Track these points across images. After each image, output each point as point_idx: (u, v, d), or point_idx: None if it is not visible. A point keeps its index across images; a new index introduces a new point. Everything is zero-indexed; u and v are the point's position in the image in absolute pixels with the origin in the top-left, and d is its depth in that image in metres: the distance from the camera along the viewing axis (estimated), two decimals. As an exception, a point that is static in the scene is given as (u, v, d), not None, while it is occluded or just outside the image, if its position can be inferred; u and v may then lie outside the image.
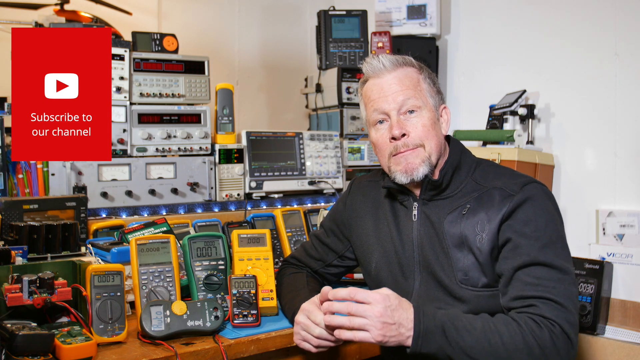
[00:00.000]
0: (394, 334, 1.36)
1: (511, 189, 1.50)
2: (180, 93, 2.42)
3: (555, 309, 1.36)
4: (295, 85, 3.40)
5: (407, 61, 1.62)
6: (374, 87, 1.61)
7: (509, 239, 1.46)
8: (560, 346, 1.34)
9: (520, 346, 1.33)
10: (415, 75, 1.60)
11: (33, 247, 1.70)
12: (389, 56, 1.61)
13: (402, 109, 1.57)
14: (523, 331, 1.34)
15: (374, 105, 1.59)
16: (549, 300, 1.37)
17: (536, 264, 1.41)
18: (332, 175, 2.73)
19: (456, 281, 1.52)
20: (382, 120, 1.59)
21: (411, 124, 1.56)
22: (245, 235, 1.79)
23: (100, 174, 2.22)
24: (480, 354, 1.35)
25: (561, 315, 1.36)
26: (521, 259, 1.43)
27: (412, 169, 1.55)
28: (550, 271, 1.41)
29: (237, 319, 1.60)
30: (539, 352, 1.33)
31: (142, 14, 2.98)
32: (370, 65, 1.61)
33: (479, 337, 1.35)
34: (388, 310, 1.35)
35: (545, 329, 1.34)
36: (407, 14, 3.04)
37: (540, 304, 1.37)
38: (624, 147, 2.38)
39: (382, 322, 1.34)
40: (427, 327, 1.36)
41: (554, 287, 1.39)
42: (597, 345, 2.28)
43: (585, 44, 2.50)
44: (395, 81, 1.58)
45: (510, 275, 1.44)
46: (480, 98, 2.90)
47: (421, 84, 1.60)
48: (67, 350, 1.34)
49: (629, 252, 2.31)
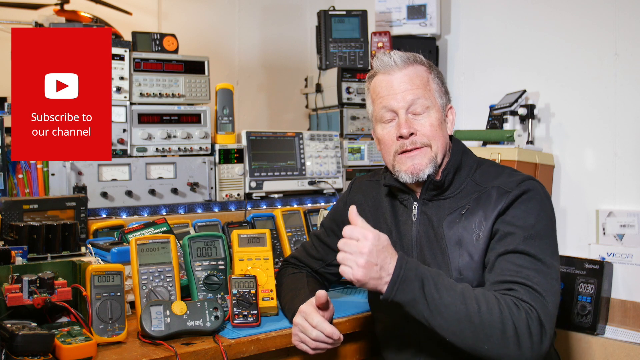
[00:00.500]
0: (374, 276, 1.35)
1: (508, 186, 1.51)
2: (180, 93, 2.42)
3: (534, 296, 1.36)
4: (295, 85, 3.40)
5: (418, 59, 1.61)
6: (383, 83, 1.60)
7: (498, 230, 1.47)
8: (534, 331, 1.32)
9: (496, 319, 1.32)
10: (425, 74, 1.60)
11: (33, 247, 1.70)
12: (400, 53, 1.60)
13: (410, 108, 1.56)
14: (501, 306, 1.33)
15: (383, 102, 1.59)
16: (528, 287, 1.37)
17: (519, 252, 1.42)
18: (332, 175, 2.73)
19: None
20: (390, 117, 1.59)
21: (419, 124, 1.56)
22: (245, 235, 1.79)
23: (100, 174, 2.22)
24: (452, 316, 1.33)
25: (540, 303, 1.35)
26: (505, 247, 1.43)
27: (418, 170, 1.55)
28: (532, 261, 1.41)
29: (237, 319, 1.60)
30: (512, 330, 1.32)
31: (142, 14, 2.98)
32: (381, 60, 1.60)
33: (455, 299, 1.34)
34: (374, 250, 1.34)
35: (522, 310, 1.33)
36: (407, 14, 3.04)
37: (520, 289, 1.37)
38: (624, 147, 2.38)
39: (367, 260, 1.33)
40: (405, 275, 1.35)
41: (534, 276, 1.39)
42: (597, 345, 2.28)
43: (585, 44, 2.50)
44: (405, 79, 1.57)
45: (493, 262, 1.44)
46: (480, 98, 2.90)
47: (430, 84, 1.60)
48: (67, 350, 1.34)
49: (629, 252, 2.31)
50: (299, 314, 1.53)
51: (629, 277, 2.31)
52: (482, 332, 1.32)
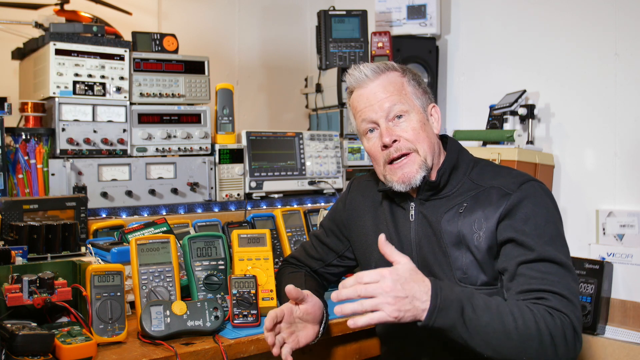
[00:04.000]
0: (408, 308, 1.30)
1: (508, 187, 1.50)
2: (180, 93, 2.42)
3: (565, 302, 1.36)
4: (295, 85, 3.41)
5: (389, 66, 1.62)
6: (359, 97, 1.61)
7: (511, 238, 1.46)
8: (569, 338, 1.33)
9: (533, 332, 1.32)
10: (398, 79, 1.60)
11: (33, 247, 1.70)
12: (370, 65, 1.61)
13: (389, 116, 1.57)
14: (537, 318, 1.33)
15: (362, 115, 1.60)
16: (557, 294, 1.37)
17: (540, 259, 1.41)
18: (332, 175, 2.73)
19: (455, 280, 1.52)
20: (372, 129, 1.60)
21: (401, 129, 1.56)
22: (245, 235, 1.79)
23: (100, 174, 2.22)
24: (491, 335, 1.32)
25: (570, 309, 1.36)
26: (525, 255, 1.43)
27: (410, 178, 1.55)
28: (554, 267, 1.41)
29: (237, 319, 1.60)
30: (549, 340, 1.32)
31: (142, 14, 2.98)
32: (353, 76, 1.61)
33: (493, 318, 1.33)
34: (398, 284, 1.30)
35: (557, 319, 1.34)
36: (407, 14, 3.04)
37: (550, 297, 1.37)
38: (624, 147, 2.38)
39: (394, 296, 1.29)
40: (444, 301, 1.31)
41: (559, 281, 1.39)
42: (597, 345, 2.29)
43: (585, 44, 2.50)
44: (379, 89, 1.58)
45: (514, 271, 1.44)
46: (480, 98, 2.90)
47: (405, 87, 1.60)
48: (67, 350, 1.34)
49: (629, 252, 2.31)
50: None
51: (629, 277, 2.31)
52: (521, 346, 1.33)
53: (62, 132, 2.17)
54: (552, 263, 1.41)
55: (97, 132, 2.23)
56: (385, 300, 1.29)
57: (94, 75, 2.25)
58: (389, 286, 1.29)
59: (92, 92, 2.24)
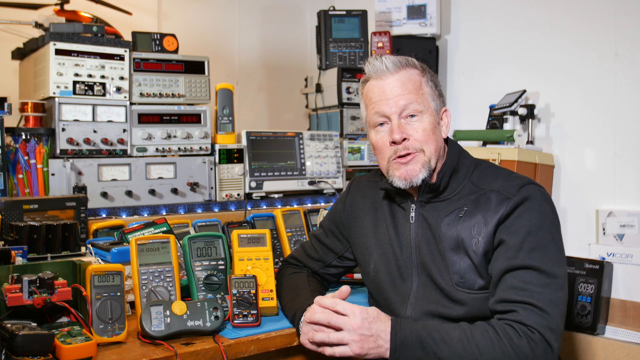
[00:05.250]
0: (372, 346, 1.40)
1: (508, 191, 1.50)
2: (180, 93, 2.42)
3: (536, 315, 1.37)
4: (295, 85, 3.41)
5: (410, 63, 1.60)
6: (375, 88, 1.59)
7: (502, 241, 1.46)
8: (538, 353, 1.34)
9: (498, 355, 1.35)
10: (417, 78, 1.59)
11: (33, 247, 1.69)
12: (392, 57, 1.59)
13: (403, 113, 1.56)
14: (500, 341, 1.36)
15: (375, 108, 1.58)
16: (531, 306, 1.37)
17: (523, 267, 1.41)
18: (332, 175, 2.73)
19: (452, 284, 1.51)
20: (383, 122, 1.59)
21: (412, 128, 1.55)
22: (245, 235, 1.79)
23: (100, 174, 2.22)
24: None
25: (541, 322, 1.36)
26: (509, 261, 1.43)
27: (412, 176, 1.55)
28: (537, 275, 1.40)
29: (237, 319, 1.60)
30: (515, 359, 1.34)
31: (142, 14, 2.98)
32: (373, 65, 1.59)
33: (456, 348, 1.37)
34: (365, 322, 1.39)
35: (523, 337, 1.35)
36: (407, 14, 3.04)
37: (521, 310, 1.38)
38: (624, 147, 2.38)
39: (360, 334, 1.39)
40: (403, 338, 1.39)
41: (539, 292, 1.39)
42: (597, 345, 2.28)
43: (585, 44, 2.51)
44: (397, 84, 1.56)
45: (498, 278, 1.44)
46: (480, 98, 2.90)
47: (423, 88, 1.58)
48: (67, 350, 1.34)
49: (629, 252, 2.31)
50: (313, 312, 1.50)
51: (629, 277, 2.31)
52: None
53: (62, 132, 2.17)
54: (535, 271, 1.41)
55: (97, 132, 2.23)
56: (350, 337, 1.40)
57: (94, 75, 2.25)
58: (357, 324, 1.40)
59: (92, 92, 2.24)
